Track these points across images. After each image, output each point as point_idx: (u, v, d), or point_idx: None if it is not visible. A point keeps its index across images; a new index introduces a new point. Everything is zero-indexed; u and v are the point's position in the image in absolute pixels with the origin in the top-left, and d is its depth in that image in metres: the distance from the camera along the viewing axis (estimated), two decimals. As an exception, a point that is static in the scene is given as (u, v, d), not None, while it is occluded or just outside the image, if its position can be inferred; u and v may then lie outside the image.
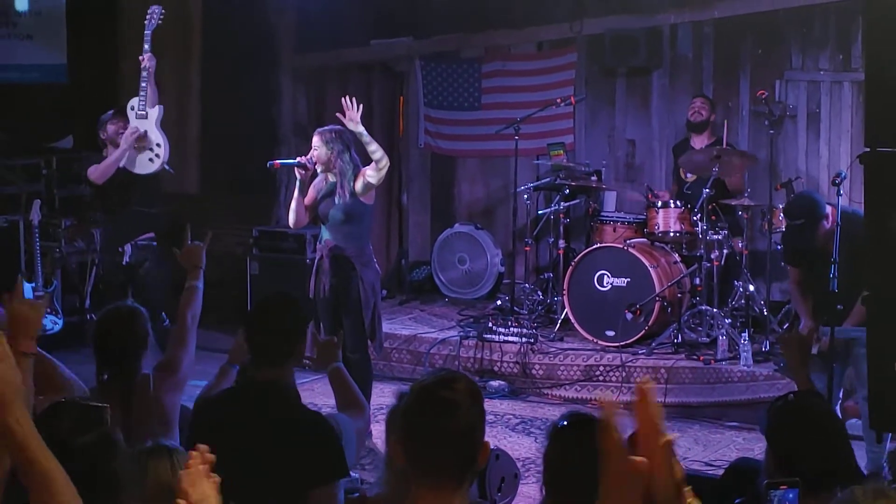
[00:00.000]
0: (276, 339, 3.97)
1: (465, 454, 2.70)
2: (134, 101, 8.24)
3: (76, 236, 9.65)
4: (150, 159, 8.17)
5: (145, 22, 8.22)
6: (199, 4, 11.09)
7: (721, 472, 4.95)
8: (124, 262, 8.03)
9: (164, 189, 9.04)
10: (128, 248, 8.19)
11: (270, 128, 11.27)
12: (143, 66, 8.17)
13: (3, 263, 9.22)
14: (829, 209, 6.39)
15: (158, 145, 8.17)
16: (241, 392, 3.98)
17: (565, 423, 3.00)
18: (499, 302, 9.78)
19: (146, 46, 8.12)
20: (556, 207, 9.34)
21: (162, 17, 8.26)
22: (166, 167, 8.39)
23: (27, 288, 8.80)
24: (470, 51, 10.82)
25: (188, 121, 11.05)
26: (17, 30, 11.06)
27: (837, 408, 6.30)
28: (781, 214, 8.37)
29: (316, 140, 7.11)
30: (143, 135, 8.19)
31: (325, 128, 7.26)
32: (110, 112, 8.67)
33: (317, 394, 7.65)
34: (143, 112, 8.14)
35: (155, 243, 8.55)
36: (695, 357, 8.28)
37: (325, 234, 7.21)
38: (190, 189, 10.88)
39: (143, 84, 8.16)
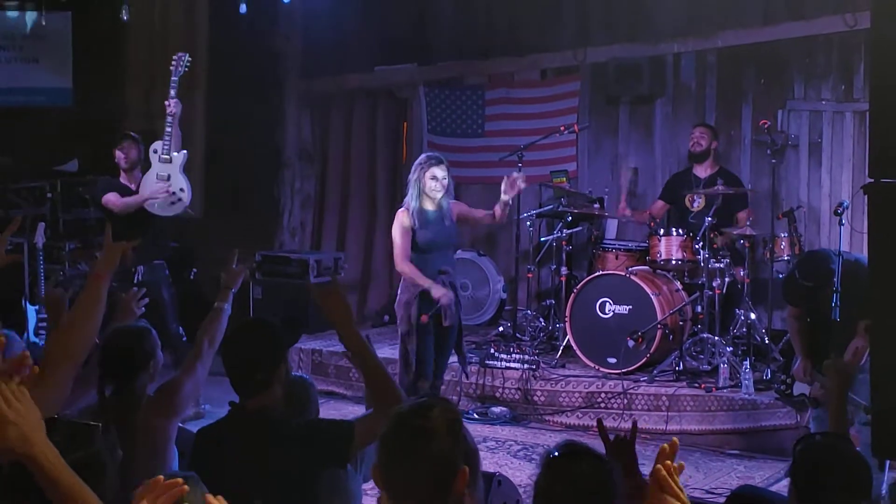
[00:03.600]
0: (251, 370, 3.87)
1: (440, 481, 2.71)
2: (157, 145, 8.16)
3: (80, 259, 9.67)
4: (173, 203, 8.15)
5: (171, 68, 8.15)
6: (205, 30, 11.16)
7: (722, 500, 4.97)
8: (136, 280, 8.00)
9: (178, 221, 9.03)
10: (140, 268, 8.19)
11: (275, 153, 11.34)
12: (168, 111, 8.09)
13: (7, 285, 9.24)
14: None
15: (182, 189, 8.14)
16: (233, 423, 3.95)
17: (557, 452, 3.01)
18: (501, 328, 9.81)
19: (172, 92, 8.06)
20: (559, 234, 9.36)
21: (189, 63, 8.24)
22: (189, 210, 8.38)
23: (30, 310, 8.83)
24: (474, 78, 10.88)
25: (193, 145, 11.09)
26: (24, 53, 11.13)
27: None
28: (786, 245, 8.41)
29: (443, 170, 7.16)
30: (167, 180, 8.14)
31: (434, 155, 7.34)
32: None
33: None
34: (168, 157, 8.10)
35: (167, 271, 8.52)
36: (696, 385, 8.28)
37: (434, 264, 7.22)
38: (194, 213, 10.91)
39: (168, 129, 8.10)
